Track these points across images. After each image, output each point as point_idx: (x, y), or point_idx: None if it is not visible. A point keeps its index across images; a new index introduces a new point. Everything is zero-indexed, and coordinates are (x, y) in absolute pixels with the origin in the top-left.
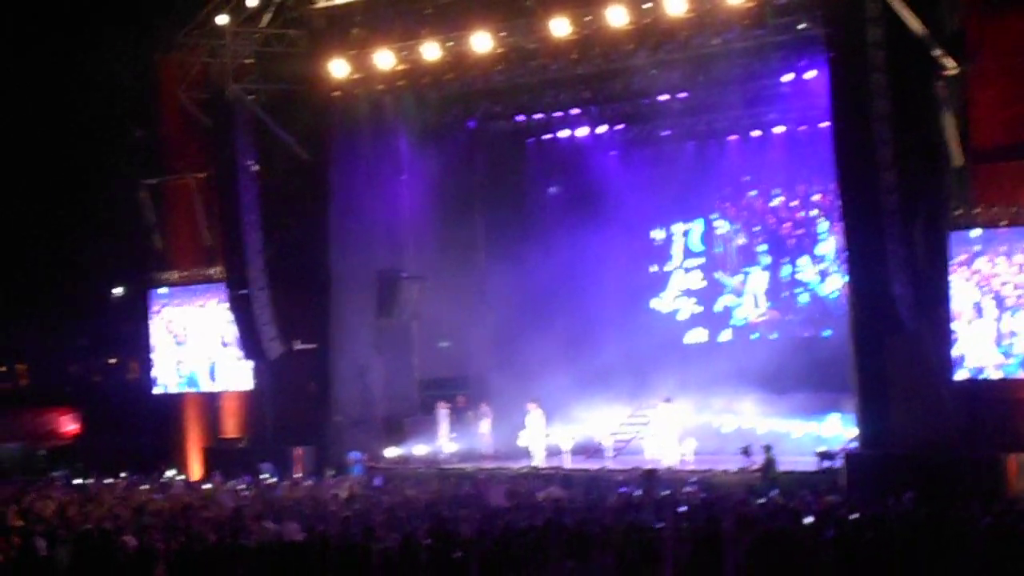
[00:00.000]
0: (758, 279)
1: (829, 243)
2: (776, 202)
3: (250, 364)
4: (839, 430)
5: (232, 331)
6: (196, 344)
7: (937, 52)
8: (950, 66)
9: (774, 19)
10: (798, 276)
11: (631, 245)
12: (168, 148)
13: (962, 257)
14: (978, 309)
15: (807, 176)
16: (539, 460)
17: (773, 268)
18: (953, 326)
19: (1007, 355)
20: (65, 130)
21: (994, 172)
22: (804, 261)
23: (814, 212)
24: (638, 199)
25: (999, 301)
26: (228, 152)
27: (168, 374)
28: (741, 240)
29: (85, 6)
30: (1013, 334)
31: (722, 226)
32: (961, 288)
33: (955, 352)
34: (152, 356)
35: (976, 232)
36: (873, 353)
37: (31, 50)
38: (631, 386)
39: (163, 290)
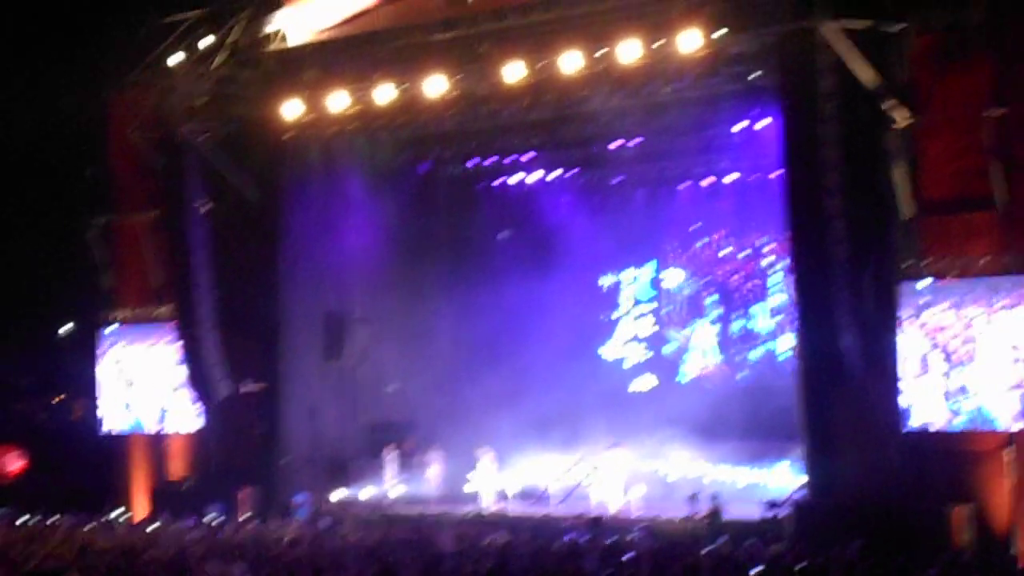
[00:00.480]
0: (707, 332)
1: (779, 296)
2: (726, 251)
3: (198, 405)
4: (788, 479)
5: (181, 372)
6: (145, 385)
7: (888, 104)
8: (901, 118)
9: (727, 68)
10: (749, 326)
11: (581, 291)
12: (118, 187)
13: (910, 310)
14: (924, 363)
15: (759, 226)
16: (489, 505)
17: (723, 320)
18: (901, 378)
19: (956, 412)
20: (15, 167)
21: (943, 224)
22: (756, 310)
23: (765, 262)
24: (589, 245)
25: (947, 355)
26: (179, 192)
27: (116, 414)
28: (689, 290)
29: (36, 43)
30: (962, 390)
31: (672, 275)
32: (909, 341)
33: (904, 405)
34: (100, 396)
35: (924, 283)
36: (821, 403)
37: None
38: (578, 432)
39: (111, 328)
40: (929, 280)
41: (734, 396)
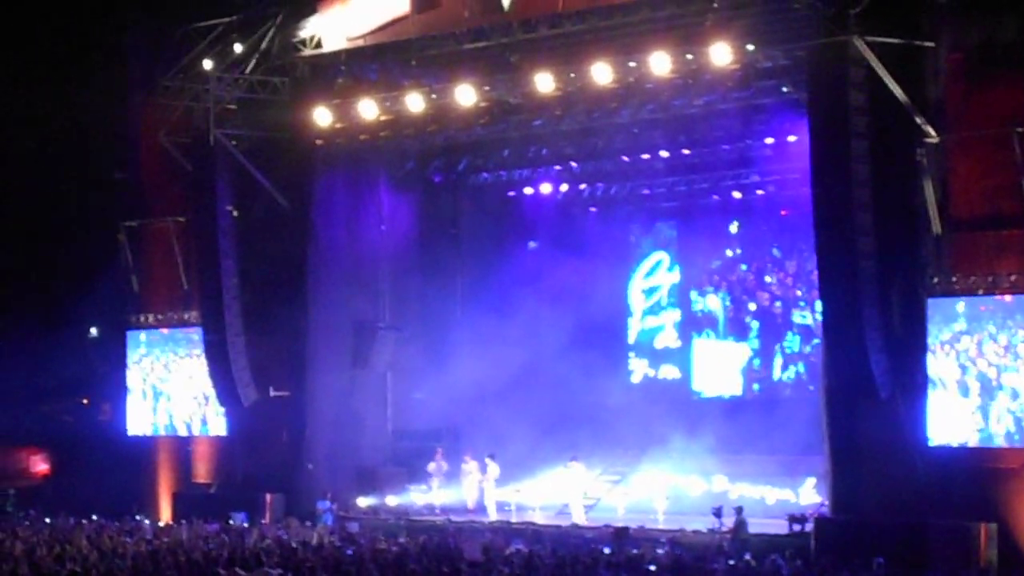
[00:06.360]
0: (740, 351)
1: (807, 313)
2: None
3: (224, 410)
4: (813, 494)
5: (208, 377)
6: (172, 389)
7: (919, 120)
8: (931, 134)
9: (758, 82)
10: (785, 347)
11: (608, 302)
12: (148, 191)
13: (946, 336)
14: (963, 387)
15: (789, 240)
16: (492, 515)
17: (762, 338)
18: (937, 401)
19: (983, 430)
20: (46, 171)
21: (972, 241)
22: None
23: (788, 280)
24: (616, 256)
25: (979, 374)
26: (208, 197)
27: (142, 417)
28: (715, 303)
29: (69, 48)
30: (989, 408)
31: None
32: (945, 366)
33: (939, 427)
34: (127, 399)
35: (960, 306)
36: (847, 418)
37: (11, 91)
38: (605, 443)
39: (139, 331)
40: (963, 304)
41: (765, 410)
